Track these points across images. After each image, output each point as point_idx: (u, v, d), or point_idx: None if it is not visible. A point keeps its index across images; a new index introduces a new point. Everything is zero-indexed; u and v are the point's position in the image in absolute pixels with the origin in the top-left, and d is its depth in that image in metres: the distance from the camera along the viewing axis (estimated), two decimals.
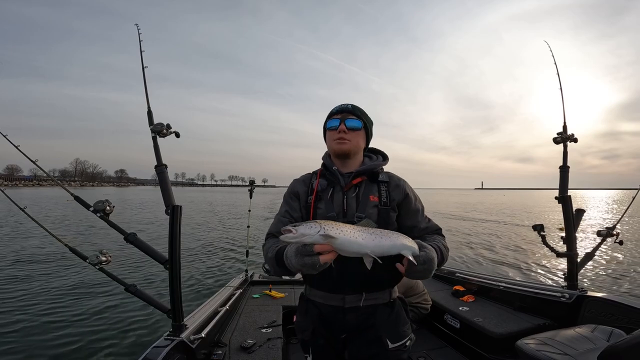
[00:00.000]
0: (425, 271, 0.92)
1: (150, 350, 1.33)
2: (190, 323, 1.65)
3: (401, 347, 1.10)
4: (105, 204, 1.47)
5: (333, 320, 1.13)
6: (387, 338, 1.09)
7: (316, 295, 1.18)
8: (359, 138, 1.17)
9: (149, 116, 1.58)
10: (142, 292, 1.55)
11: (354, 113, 1.16)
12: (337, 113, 1.17)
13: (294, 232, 0.80)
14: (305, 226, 0.82)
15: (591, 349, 1.46)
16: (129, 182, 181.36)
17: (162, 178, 1.57)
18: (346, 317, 1.11)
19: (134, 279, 5.44)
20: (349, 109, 1.16)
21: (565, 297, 2.07)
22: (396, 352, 1.09)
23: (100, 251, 1.50)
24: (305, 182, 1.24)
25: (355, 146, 1.16)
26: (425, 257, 0.91)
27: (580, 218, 2.24)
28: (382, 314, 1.12)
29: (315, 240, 0.82)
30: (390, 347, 1.08)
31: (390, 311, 1.13)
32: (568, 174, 2.18)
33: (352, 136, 1.15)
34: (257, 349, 1.85)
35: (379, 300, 1.13)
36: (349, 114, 1.16)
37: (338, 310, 1.12)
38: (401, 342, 1.10)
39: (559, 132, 2.18)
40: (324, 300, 1.15)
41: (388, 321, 1.11)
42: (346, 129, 1.14)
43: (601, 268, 6.98)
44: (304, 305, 1.22)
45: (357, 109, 1.18)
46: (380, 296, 1.13)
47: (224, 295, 2.38)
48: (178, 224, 1.52)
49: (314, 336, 1.15)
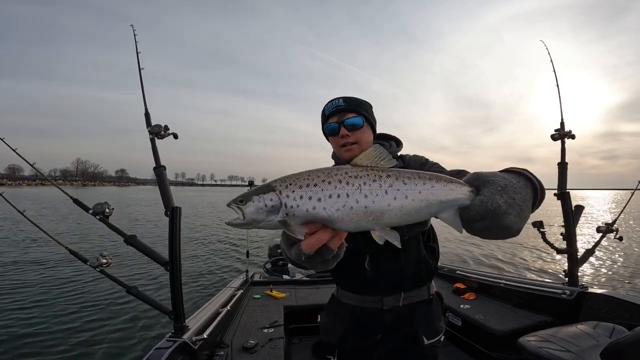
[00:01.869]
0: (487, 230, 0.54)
1: (152, 352, 1.33)
2: (192, 324, 1.65)
3: (436, 342, 1.08)
4: (105, 207, 1.46)
5: (367, 322, 1.07)
6: (423, 335, 1.05)
7: (349, 298, 1.10)
8: (364, 135, 1.05)
9: (147, 118, 1.57)
10: (143, 294, 1.55)
11: (349, 109, 1.04)
12: (332, 115, 1.05)
13: (242, 218, 0.53)
14: (256, 203, 0.52)
15: (593, 346, 1.46)
16: (129, 182, 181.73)
17: (161, 180, 1.57)
18: (383, 319, 1.06)
19: (135, 281, 5.43)
20: (343, 107, 1.03)
21: (566, 294, 2.07)
22: (431, 349, 1.07)
23: (101, 253, 1.49)
24: None
25: (363, 146, 1.05)
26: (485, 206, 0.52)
27: (580, 214, 2.24)
28: (421, 311, 1.07)
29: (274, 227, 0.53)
30: (426, 344, 1.05)
31: (428, 308, 1.09)
32: (566, 170, 2.19)
33: (356, 136, 1.03)
34: (259, 349, 1.85)
35: (417, 298, 1.08)
36: (345, 112, 1.03)
37: (375, 312, 1.06)
38: (436, 338, 1.08)
39: (556, 128, 2.19)
40: (358, 303, 1.08)
41: (424, 318, 1.07)
42: (348, 132, 1.03)
43: (602, 264, 6.99)
44: (334, 306, 1.16)
45: (352, 102, 1.05)
46: (419, 293, 1.08)
47: (225, 296, 2.38)
48: (178, 225, 1.52)
49: (342, 340, 1.10)
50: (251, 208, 0.52)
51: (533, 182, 0.58)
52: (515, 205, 0.52)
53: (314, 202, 0.50)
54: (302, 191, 0.51)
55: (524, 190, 0.55)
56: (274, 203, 0.52)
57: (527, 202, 0.54)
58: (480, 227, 0.54)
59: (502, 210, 0.51)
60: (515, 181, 0.55)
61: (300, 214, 0.51)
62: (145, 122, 1.57)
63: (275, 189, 0.52)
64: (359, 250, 1.03)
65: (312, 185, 0.51)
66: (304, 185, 0.51)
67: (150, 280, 5.60)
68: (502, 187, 0.53)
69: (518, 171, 0.59)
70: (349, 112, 1.04)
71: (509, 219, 0.51)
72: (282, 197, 0.52)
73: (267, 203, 0.52)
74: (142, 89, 1.60)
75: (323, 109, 1.09)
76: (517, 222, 0.52)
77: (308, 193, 0.51)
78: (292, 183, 0.52)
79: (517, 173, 0.58)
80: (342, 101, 1.04)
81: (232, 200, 0.56)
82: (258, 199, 0.52)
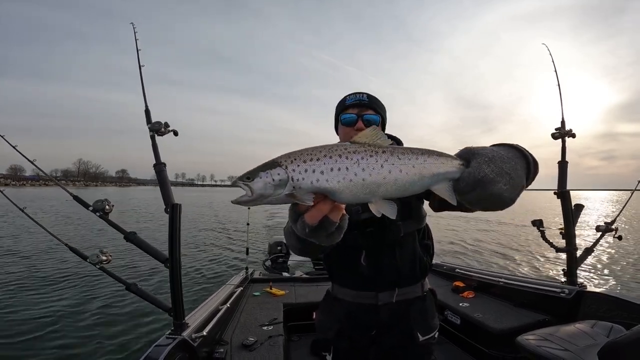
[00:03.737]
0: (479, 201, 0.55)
1: (152, 349, 1.33)
2: (192, 321, 1.65)
3: (430, 339, 1.09)
4: (105, 203, 1.46)
5: (363, 318, 1.08)
6: (417, 331, 1.06)
7: (344, 294, 1.12)
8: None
9: (147, 115, 1.57)
10: (142, 290, 1.55)
11: (370, 106, 1.06)
12: (352, 106, 1.07)
13: (250, 194, 0.54)
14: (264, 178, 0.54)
15: (591, 345, 1.46)
16: (130, 182, 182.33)
17: (161, 177, 1.56)
18: (378, 314, 1.07)
19: (134, 278, 5.45)
20: (365, 102, 1.06)
21: (565, 293, 2.08)
22: (425, 345, 1.08)
23: (101, 250, 1.49)
24: None
25: None
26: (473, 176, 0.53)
27: (580, 213, 2.24)
28: (415, 307, 1.09)
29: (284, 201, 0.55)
30: (421, 340, 1.06)
31: (422, 304, 1.10)
32: (566, 169, 2.19)
33: None
34: (258, 346, 1.86)
35: (412, 294, 1.09)
36: (366, 108, 1.05)
37: (370, 308, 1.07)
38: (431, 334, 1.09)
39: (557, 127, 2.19)
40: (353, 299, 1.09)
41: (420, 314, 1.09)
42: (364, 126, 1.02)
43: (601, 263, 7.01)
44: (329, 303, 1.17)
45: (374, 100, 1.08)
46: (413, 290, 1.10)
47: (225, 293, 2.39)
48: (178, 222, 1.52)
49: (338, 337, 1.11)
50: (259, 184, 0.54)
51: (524, 152, 0.60)
52: (503, 173, 0.53)
53: (317, 175, 0.54)
54: (307, 165, 0.54)
55: (514, 160, 0.56)
56: (281, 177, 0.54)
57: (517, 171, 0.56)
58: (472, 197, 0.55)
59: (490, 178, 0.53)
60: (503, 152, 0.56)
61: (306, 186, 0.54)
62: (146, 119, 1.57)
63: (282, 164, 0.55)
64: (356, 245, 1.04)
65: (315, 159, 0.54)
66: (308, 160, 0.54)
67: (150, 278, 5.62)
68: (489, 157, 0.55)
69: (508, 144, 0.61)
70: (369, 108, 1.06)
71: (498, 187, 0.53)
72: (288, 171, 0.54)
73: (274, 178, 0.54)
74: (142, 86, 1.60)
75: (342, 99, 1.11)
76: (508, 190, 0.54)
77: (312, 166, 0.54)
78: (297, 158, 0.55)
79: (507, 145, 0.61)
80: (366, 97, 1.07)
81: (237, 178, 0.56)
82: (265, 175, 0.54)
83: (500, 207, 0.56)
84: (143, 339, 3.47)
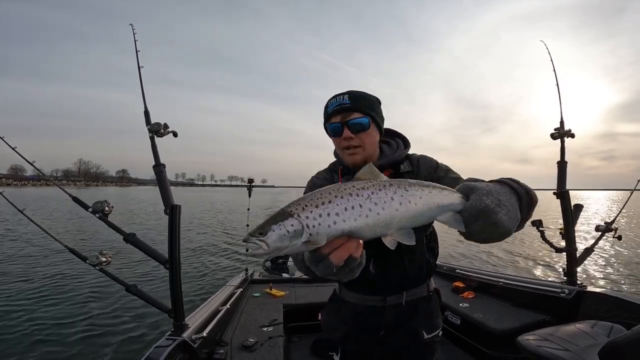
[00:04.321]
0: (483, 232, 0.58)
1: (152, 350, 1.33)
2: (192, 322, 1.65)
3: (435, 337, 1.11)
4: (104, 205, 1.46)
5: (370, 320, 1.09)
6: (423, 330, 1.08)
7: (351, 297, 1.11)
8: (369, 137, 0.97)
9: (146, 116, 1.57)
10: (142, 292, 1.55)
11: (355, 109, 0.95)
12: (335, 114, 0.96)
13: (265, 249, 0.53)
14: (277, 231, 0.52)
15: (592, 345, 1.46)
16: (130, 182, 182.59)
17: (161, 178, 1.56)
18: (385, 316, 1.08)
19: (134, 279, 5.44)
20: (347, 106, 0.95)
21: (565, 293, 2.07)
22: (430, 343, 1.10)
23: (100, 252, 1.49)
24: (327, 181, 1.10)
25: (368, 151, 0.99)
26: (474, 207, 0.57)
27: (579, 214, 2.24)
28: (421, 307, 1.10)
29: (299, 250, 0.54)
30: (425, 338, 1.08)
31: (427, 304, 1.12)
32: (566, 169, 2.19)
33: (361, 139, 0.96)
34: (258, 347, 1.85)
35: (418, 294, 1.10)
36: (350, 112, 0.95)
37: (377, 310, 1.07)
38: (435, 332, 1.11)
39: (556, 127, 2.19)
40: (361, 302, 1.09)
41: (425, 314, 1.10)
42: (351, 133, 0.95)
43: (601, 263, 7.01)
44: (336, 304, 1.16)
45: (357, 100, 0.96)
46: (420, 290, 1.10)
47: (225, 294, 2.38)
48: (177, 223, 1.52)
49: (345, 339, 1.11)
50: (273, 237, 0.53)
51: (513, 187, 0.65)
52: (502, 204, 0.57)
53: (333, 218, 0.53)
54: (320, 210, 0.54)
55: (507, 194, 0.61)
56: (295, 228, 0.53)
57: (513, 204, 0.60)
58: (476, 228, 0.58)
59: (491, 208, 0.56)
60: (498, 187, 0.61)
61: (323, 230, 0.53)
62: (145, 120, 1.57)
63: (293, 214, 0.54)
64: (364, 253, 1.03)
65: (326, 202, 0.54)
66: (320, 204, 0.54)
67: (149, 279, 5.61)
68: (487, 191, 0.59)
69: (501, 180, 0.67)
70: (354, 111, 0.95)
71: (499, 217, 0.56)
72: (301, 219, 0.53)
73: (288, 229, 0.53)
74: (141, 87, 1.60)
75: (325, 105, 1.01)
76: (508, 220, 0.57)
77: (326, 210, 0.54)
78: (307, 204, 0.54)
79: (499, 181, 0.66)
80: (347, 98, 0.95)
81: (248, 234, 0.56)
82: (278, 227, 0.53)
83: (500, 236, 0.58)
84: (143, 340, 3.46)
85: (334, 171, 1.12)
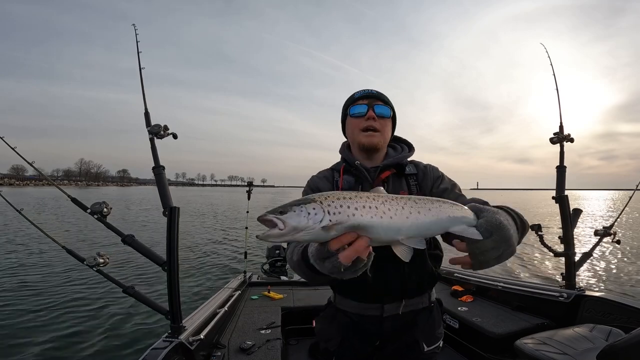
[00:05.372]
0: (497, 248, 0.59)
1: (148, 352, 1.33)
2: (189, 324, 1.64)
3: (435, 349, 1.07)
4: (103, 206, 1.46)
5: (367, 329, 1.05)
6: (423, 342, 1.04)
7: (347, 305, 1.07)
8: (388, 128, 1.05)
9: (146, 117, 1.57)
10: (140, 293, 1.54)
11: (381, 99, 1.03)
12: (362, 98, 1.04)
13: (282, 227, 0.52)
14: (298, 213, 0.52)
15: (590, 349, 1.46)
16: (131, 182, 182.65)
17: (160, 180, 1.56)
18: (383, 326, 1.04)
19: (132, 281, 5.41)
20: (374, 94, 1.03)
21: (564, 297, 2.07)
22: (430, 355, 1.06)
23: (98, 253, 1.49)
24: (327, 179, 1.10)
25: (385, 138, 1.04)
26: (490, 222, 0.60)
27: (578, 218, 2.25)
28: (422, 319, 1.06)
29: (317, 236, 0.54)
30: (426, 350, 1.04)
31: (429, 315, 1.08)
32: (565, 174, 2.20)
33: (382, 125, 1.02)
34: (256, 350, 1.85)
35: (418, 305, 1.06)
36: (376, 99, 1.03)
37: (374, 319, 1.04)
38: (436, 344, 1.07)
39: (555, 132, 2.20)
40: (356, 310, 1.05)
41: (425, 325, 1.06)
42: (375, 116, 1.01)
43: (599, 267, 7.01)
44: (331, 313, 1.12)
45: (382, 94, 1.06)
46: (420, 301, 1.07)
47: (223, 297, 2.38)
48: (176, 225, 1.52)
49: (341, 347, 1.07)
50: (294, 217, 0.53)
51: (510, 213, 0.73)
52: (510, 222, 0.64)
53: (352, 210, 0.55)
54: (340, 202, 0.56)
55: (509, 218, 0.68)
56: (317, 211, 0.54)
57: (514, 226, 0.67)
58: (490, 244, 0.59)
59: (504, 225, 0.61)
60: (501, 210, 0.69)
61: (342, 219, 0.54)
62: (145, 122, 1.57)
63: (316, 200, 0.55)
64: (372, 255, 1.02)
65: (347, 198, 0.57)
66: (341, 198, 0.57)
67: (147, 280, 5.58)
68: (495, 211, 0.65)
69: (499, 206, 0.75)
70: (379, 100, 1.04)
71: (511, 232, 0.61)
72: (324, 206, 0.54)
73: (309, 211, 0.53)
74: (142, 88, 1.61)
75: (351, 95, 1.09)
76: (516, 237, 0.63)
77: (346, 203, 0.56)
78: (330, 196, 0.57)
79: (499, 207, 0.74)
80: (376, 91, 1.06)
81: (267, 211, 0.55)
82: (299, 209, 0.54)
83: (510, 254, 0.61)
84: (140, 342, 3.44)
85: (335, 170, 1.12)
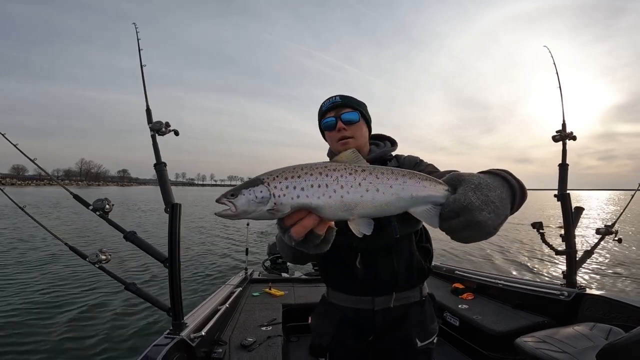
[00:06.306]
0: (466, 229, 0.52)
1: (150, 348, 1.33)
2: (190, 321, 1.65)
3: (429, 344, 1.07)
4: (105, 203, 1.47)
5: (359, 323, 1.07)
6: (416, 337, 1.05)
7: (340, 299, 1.10)
8: (360, 130, 1.08)
9: (148, 114, 1.57)
10: (141, 290, 1.55)
11: (346, 105, 1.08)
12: (329, 110, 1.08)
13: (234, 210, 0.56)
14: (247, 196, 0.55)
15: (590, 347, 1.46)
16: (131, 182, 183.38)
17: (161, 176, 1.57)
18: (375, 320, 1.05)
19: (133, 278, 5.44)
20: (339, 103, 1.07)
21: (564, 295, 2.07)
22: (424, 350, 1.06)
23: (100, 250, 1.49)
24: None
25: (360, 142, 1.08)
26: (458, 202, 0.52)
27: (579, 216, 2.24)
28: (413, 313, 1.07)
29: (265, 217, 0.57)
30: (419, 346, 1.04)
31: (420, 309, 1.09)
32: (567, 172, 2.19)
33: (353, 131, 1.06)
34: (257, 347, 1.85)
35: (410, 299, 1.08)
36: (342, 107, 1.07)
37: (366, 313, 1.05)
38: (429, 340, 1.07)
39: (558, 130, 2.19)
40: (349, 304, 1.08)
41: (418, 320, 1.07)
42: (344, 125, 1.05)
43: (600, 266, 7.00)
44: (324, 307, 1.15)
45: (347, 98, 1.09)
46: (411, 295, 1.08)
47: (224, 294, 2.39)
48: (177, 222, 1.52)
49: (333, 342, 1.08)
50: (242, 200, 0.56)
51: (510, 182, 0.60)
52: (489, 202, 0.53)
53: (297, 191, 0.55)
54: (288, 182, 0.56)
55: (500, 188, 0.56)
56: (263, 194, 0.55)
57: (503, 200, 0.55)
58: (455, 225, 0.53)
59: (475, 206, 0.51)
60: (490, 180, 0.56)
61: (286, 202, 0.55)
62: (147, 119, 1.57)
63: (264, 182, 0.56)
64: (351, 247, 1.02)
65: (296, 177, 0.56)
66: (289, 177, 0.56)
67: (149, 277, 5.61)
68: (475, 184, 0.54)
69: (495, 171, 0.62)
70: (345, 107, 1.07)
71: (482, 215, 0.51)
72: (270, 188, 0.56)
73: (257, 195, 0.55)
74: (143, 85, 1.61)
75: (320, 106, 1.13)
76: (492, 218, 0.52)
77: (293, 183, 0.56)
78: (279, 175, 0.57)
79: (494, 173, 0.62)
80: (338, 98, 1.08)
81: (222, 195, 0.58)
82: (248, 192, 0.56)
83: (481, 236, 0.54)
84: (141, 338, 3.46)
85: None
